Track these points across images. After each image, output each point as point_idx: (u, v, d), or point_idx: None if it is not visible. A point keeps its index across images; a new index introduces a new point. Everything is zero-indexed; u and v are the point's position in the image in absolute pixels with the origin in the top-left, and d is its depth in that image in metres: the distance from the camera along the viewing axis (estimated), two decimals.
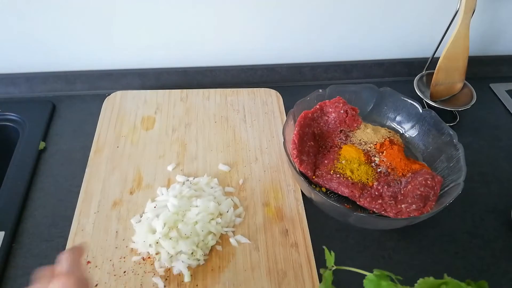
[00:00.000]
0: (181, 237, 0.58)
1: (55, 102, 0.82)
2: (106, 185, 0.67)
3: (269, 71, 0.90)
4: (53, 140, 0.75)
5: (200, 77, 0.88)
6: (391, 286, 0.40)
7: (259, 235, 0.62)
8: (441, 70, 0.82)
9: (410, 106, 0.75)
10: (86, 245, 0.58)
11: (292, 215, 0.65)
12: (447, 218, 0.68)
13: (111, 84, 0.86)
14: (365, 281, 0.41)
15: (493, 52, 0.97)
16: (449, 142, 0.69)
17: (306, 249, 0.60)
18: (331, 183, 0.65)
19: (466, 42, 0.79)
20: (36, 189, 0.67)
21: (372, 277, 0.41)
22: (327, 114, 0.74)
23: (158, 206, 0.63)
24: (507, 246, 0.65)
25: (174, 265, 0.57)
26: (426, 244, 0.65)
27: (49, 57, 0.83)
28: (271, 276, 0.57)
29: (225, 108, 0.81)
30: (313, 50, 0.90)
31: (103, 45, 0.83)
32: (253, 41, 0.87)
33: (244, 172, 0.70)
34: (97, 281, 0.55)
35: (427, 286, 0.39)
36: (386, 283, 0.40)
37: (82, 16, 0.77)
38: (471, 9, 0.75)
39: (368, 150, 0.70)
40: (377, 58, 0.93)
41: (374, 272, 0.41)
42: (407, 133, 0.76)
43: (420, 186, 0.62)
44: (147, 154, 0.72)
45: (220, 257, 0.59)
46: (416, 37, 0.91)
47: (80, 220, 0.62)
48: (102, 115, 0.78)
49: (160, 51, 0.85)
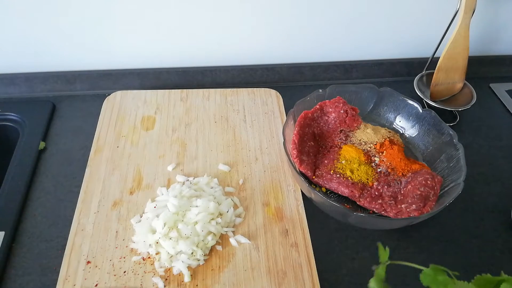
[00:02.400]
0: (181, 237, 0.58)
1: (55, 102, 0.82)
2: (106, 185, 0.67)
3: (269, 71, 0.90)
4: (53, 140, 0.75)
5: (200, 77, 0.88)
6: (447, 281, 0.40)
7: (259, 235, 0.62)
8: (441, 70, 0.82)
9: (410, 106, 0.75)
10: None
11: (292, 215, 0.65)
12: (447, 218, 0.68)
13: (111, 84, 0.86)
14: (422, 275, 0.41)
15: (493, 52, 0.97)
16: (449, 142, 0.69)
17: (306, 249, 0.60)
18: (331, 183, 0.65)
19: (466, 42, 0.79)
20: (36, 189, 0.67)
21: (429, 271, 0.41)
22: (327, 114, 0.74)
23: (158, 206, 0.63)
24: (507, 246, 0.65)
25: (174, 265, 0.57)
26: (426, 244, 0.65)
27: (49, 57, 0.83)
28: (271, 276, 0.57)
29: (225, 108, 0.81)
30: (313, 50, 0.90)
31: (103, 45, 0.83)
32: (253, 41, 0.87)
33: (244, 172, 0.70)
34: (97, 281, 0.55)
35: (485, 282, 0.39)
36: (442, 277, 0.40)
37: (82, 16, 0.77)
38: (471, 9, 0.75)
39: (368, 150, 0.71)
40: (377, 58, 0.93)
41: (430, 266, 0.41)
42: (407, 133, 0.76)
43: (420, 186, 0.62)
44: (147, 154, 0.72)
45: (220, 257, 0.59)
46: (416, 37, 0.91)
47: (80, 220, 0.62)
48: (102, 115, 0.78)
49: (160, 51, 0.85)
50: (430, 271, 0.40)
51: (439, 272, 0.40)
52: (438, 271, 0.40)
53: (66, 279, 0.55)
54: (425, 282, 0.40)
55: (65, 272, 0.56)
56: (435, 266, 0.41)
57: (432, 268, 0.40)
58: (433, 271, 0.40)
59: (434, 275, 0.40)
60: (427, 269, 0.41)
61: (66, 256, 0.58)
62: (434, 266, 0.41)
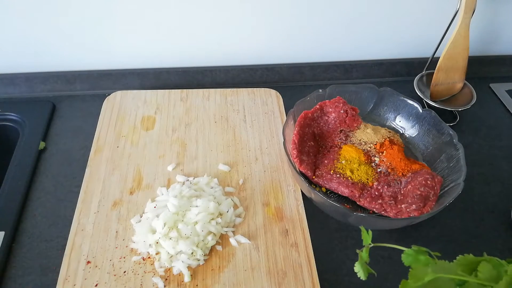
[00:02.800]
0: (181, 237, 0.58)
1: (55, 102, 0.82)
2: (106, 185, 0.67)
3: (269, 71, 0.90)
4: (53, 140, 0.75)
5: (200, 77, 0.88)
6: (429, 261, 0.40)
7: (259, 235, 0.62)
8: (441, 70, 0.82)
9: (410, 106, 0.75)
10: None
11: (292, 215, 0.65)
12: (447, 218, 0.68)
13: (111, 84, 0.86)
14: (403, 255, 0.41)
15: (493, 52, 0.97)
16: (449, 142, 0.69)
17: (306, 249, 0.60)
18: (331, 183, 0.65)
19: (466, 42, 0.79)
20: (36, 189, 0.67)
21: (410, 251, 0.41)
22: (327, 114, 0.74)
23: (158, 206, 0.63)
24: (507, 246, 0.65)
25: (174, 265, 0.57)
26: (426, 244, 0.64)
27: (49, 57, 0.83)
28: (271, 276, 0.57)
29: (225, 108, 0.81)
30: (313, 50, 0.90)
31: (103, 45, 0.83)
32: (253, 41, 0.87)
33: (244, 172, 0.70)
34: (97, 281, 0.55)
35: (467, 262, 0.39)
36: (424, 257, 0.40)
37: (82, 16, 0.77)
38: (471, 9, 0.75)
39: (368, 150, 0.70)
40: (377, 58, 0.93)
41: (412, 247, 0.41)
42: (407, 133, 0.76)
43: (420, 186, 0.62)
44: (147, 154, 0.72)
45: (220, 257, 0.59)
46: (416, 37, 0.91)
47: (80, 220, 0.62)
48: (102, 115, 0.78)
49: (160, 51, 0.85)
50: (411, 251, 0.41)
51: (421, 252, 0.40)
52: (419, 251, 0.41)
53: (66, 279, 0.55)
54: (406, 262, 0.41)
55: (65, 272, 0.56)
56: (417, 246, 0.41)
57: (413, 249, 0.41)
58: (415, 251, 0.41)
59: (415, 255, 0.41)
60: (408, 249, 0.41)
61: (66, 256, 0.58)
62: (415, 247, 0.41)
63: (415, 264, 0.40)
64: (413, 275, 0.38)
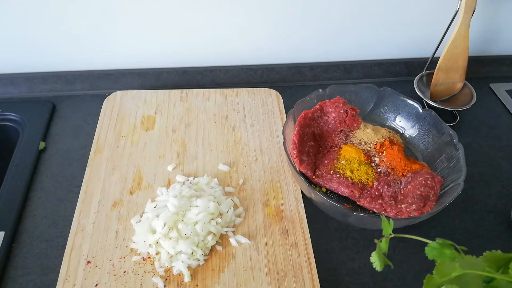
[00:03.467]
0: (181, 237, 0.58)
1: (55, 102, 0.82)
2: (106, 185, 0.67)
3: (269, 71, 0.90)
4: (53, 140, 0.75)
5: (200, 77, 0.88)
6: (454, 255, 0.38)
7: (259, 235, 0.62)
8: (441, 70, 0.82)
9: (410, 106, 0.75)
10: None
11: (292, 215, 0.65)
12: (447, 218, 0.68)
13: (111, 84, 0.86)
14: (427, 248, 0.39)
15: (493, 52, 0.97)
16: (449, 142, 0.69)
17: (306, 249, 0.60)
18: (331, 183, 0.65)
19: (466, 42, 0.79)
20: (36, 189, 0.67)
21: (435, 244, 0.39)
22: (327, 114, 0.74)
23: (158, 206, 0.63)
24: (507, 246, 0.65)
25: (174, 265, 0.57)
26: (426, 244, 0.64)
27: (49, 57, 0.83)
28: (271, 276, 0.57)
29: (225, 108, 0.81)
30: (313, 50, 0.90)
31: (103, 45, 0.83)
32: (252, 41, 0.87)
33: (244, 172, 0.70)
34: (97, 281, 0.55)
35: (494, 258, 0.37)
36: (449, 251, 0.38)
37: (82, 16, 0.77)
38: (471, 9, 0.75)
39: (368, 150, 0.70)
40: (377, 58, 0.93)
41: (437, 240, 0.39)
42: (407, 133, 0.76)
43: (420, 186, 0.62)
44: (147, 154, 0.72)
45: (220, 257, 0.59)
46: (416, 37, 0.91)
47: (80, 220, 0.62)
48: (102, 115, 0.78)
49: (160, 51, 0.85)
50: (436, 245, 0.39)
51: (446, 245, 0.38)
52: (444, 245, 0.38)
53: (66, 279, 0.55)
54: (430, 256, 0.39)
55: (65, 272, 0.56)
56: (442, 239, 0.39)
57: (438, 242, 0.39)
58: (440, 245, 0.38)
59: (440, 248, 0.38)
60: (433, 242, 0.39)
61: (66, 256, 0.58)
62: (440, 240, 0.39)
63: (440, 258, 0.38)
64: (439, 270, 0.36)
